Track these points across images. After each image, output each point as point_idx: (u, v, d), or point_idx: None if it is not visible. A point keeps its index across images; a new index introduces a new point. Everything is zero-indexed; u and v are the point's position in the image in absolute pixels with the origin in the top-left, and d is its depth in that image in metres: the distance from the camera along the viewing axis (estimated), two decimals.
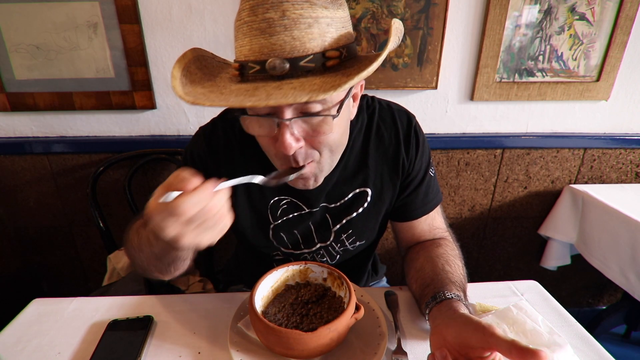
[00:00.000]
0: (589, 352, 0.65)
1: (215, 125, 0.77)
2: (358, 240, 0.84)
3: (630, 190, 1.43)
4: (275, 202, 0.78)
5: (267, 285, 0.69)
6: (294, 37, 0.50)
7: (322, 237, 0.82)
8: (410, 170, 0.79)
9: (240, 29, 0.53)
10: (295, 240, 0.82)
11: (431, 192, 0.82)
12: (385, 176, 0.78)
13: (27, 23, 1.19)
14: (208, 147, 0.75)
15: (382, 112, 0.79)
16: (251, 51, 0.52)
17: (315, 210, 0.79)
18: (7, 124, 1.34)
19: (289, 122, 0.56)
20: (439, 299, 0.63)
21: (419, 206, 0.81)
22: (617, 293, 1.81)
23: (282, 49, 0.51)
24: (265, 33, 0.51)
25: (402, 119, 0.78)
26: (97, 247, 1.55)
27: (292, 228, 0.80)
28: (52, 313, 0.74)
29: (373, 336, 0.65)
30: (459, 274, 0.71)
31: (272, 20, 0.50)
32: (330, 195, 0.78)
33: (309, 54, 0.51)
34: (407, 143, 0.77)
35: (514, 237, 1.65)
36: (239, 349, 0.63)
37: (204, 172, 0.63)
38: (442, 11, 1.24)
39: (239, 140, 0.74)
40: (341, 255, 0.86)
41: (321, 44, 0.52)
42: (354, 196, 0.79)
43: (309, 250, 0.84)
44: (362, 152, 0.77)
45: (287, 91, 0.49)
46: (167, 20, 1.23)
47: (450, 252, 0.76)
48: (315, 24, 0.51)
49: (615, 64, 1.34)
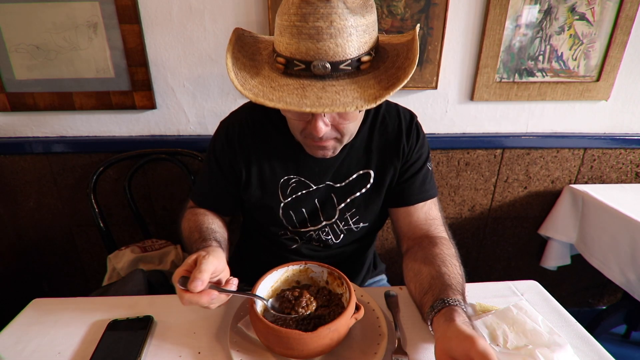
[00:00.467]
0: (589, 352, 0.65)
1: (231, 118, 0.88)
2: (362, 222, 0.89)
3: (630, 190, 1.44)
4: (285, 180, 0.85)
5: (267, 285, 0.69)
6: (337, 44, 0.59)
7: (327, 215, 0.88)
8: (409, 157, 0.86)
9: (289, 29, 0.60)
10: (302, 218, 0.88)
11: (428, 183, 0.87)
12: (387, 160, 0.85)
13: (27, 23, 1.19)
14: (225, 136, 0.85)
15: (389, 106, 0.88)
16: (298, 51, 0.60)
17: (321, 187, 0.86)
18: (7, 124, 1.35)
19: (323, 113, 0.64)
20: (437, 308, 0.63)
21: (415, 192, 0.86)
22: (617, 293, 1.81)
23: (326, 54, 0.60)
24: (313, 38, 0.59)
25: (406, 114, 0.88)
26: (97, 247, 1.55)
27: (300, 206, 0.87)
28: (52, 313, 0.74)
29: (373, 336, 0.66)
30: (456, 274, 0.71)
31: (321, 29, 0.58)
32: (336, 174, 0.85)
33: (347, 59, 0.61)
34: (409, 133, 0.85)
35: (514, 237, 1.65)
36: (239, 349, 0.63)
37: (224, 160, 0.85)
38: (442, 11, 1.24)
39: (251, 128, 0.84)
40: (345, 235, 0.90)
41: (357, 49, 0.61)
42: (358, 177, 0.86)
43: (314, 228, 0.89)
44: (368, 137, 0.85)
45: (332, 95, 0.60)
46: (167, 20, 1.23)
47: (446, 252, 0.76)
48: (354, 33, 0.60)
49: (615, 64, 1.34)
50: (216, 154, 0.87)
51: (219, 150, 0.86)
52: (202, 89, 1.33)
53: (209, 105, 1.35)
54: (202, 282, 0.57)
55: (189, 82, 1.32)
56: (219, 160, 0.86)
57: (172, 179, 1.44)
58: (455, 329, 0.56)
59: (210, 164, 0.88)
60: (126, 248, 1.27)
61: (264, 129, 0.84)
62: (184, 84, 1.32)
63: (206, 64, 1.29)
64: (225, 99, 1.35)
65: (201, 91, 1.33)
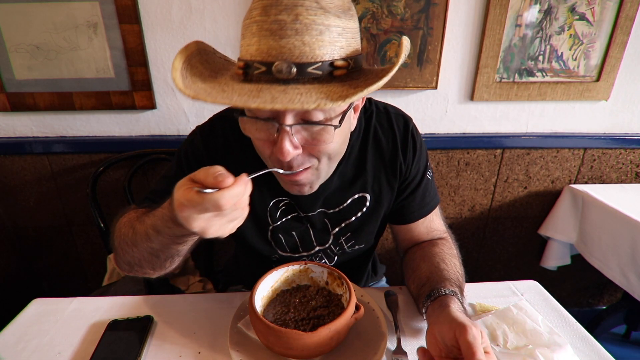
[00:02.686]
0: (589, 352, 0.65)
1: (213, 125, 0.76)
2: (357, 244, 0.84)
3: (630, 190, 1.43)
4: (274, 203, 0.78)
5: (267, 285, 0.69)
6: (304, 42, 0.50)
7: (320, 241, 0.82)
8: (407, 174, 0.79)
9: (250, 27, 0.52)
10: (293, 243, 0.82)
11: (428, 195, 0.82)
12: (383, 180, 0.78)
13: (27, 23, 1.19)
14: (205, 147, 0.74)
15: (380, 116, 0.78)
16: (258, 51, 0.51)
17: (312, 215, 0.79)
18: (7, 124, 1.34)
19: (290, 129, 0.55)
20: (433, 296, 0.63)
21: (416, 209, 0.81)
22: (617, 293, 1.81)
23: (291, 53, 0.50)
24: (275, 35, 0.50)
25: (399, 123, 0.78)
26: (97, 247, 1.55)
27: (290, 230, 0.80)
28: (52, 313, 0.74)
29: (373, 336, 0.66)
30: (455, 271, 0.71)
31: (284, 23, 0.49)
32: (329, 201, 0.78)
33: (317, 61, 0.51)
34: (405, 147, 0.77)
35: (514, 237, 1.65)
36: (239, 349, 0.63)
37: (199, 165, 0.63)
38: (442, 11, 1.24)
39: (238, 140, 0.73)
40: (339, 257, 0.86)
41: (330, 52, 0.52)
42: (353, 202, 0.79)
43: (307, 254, 0.83)
44: (360, 157, 0.77)
45: (293, 96, 0.49)
46: (167, 20, 1.23)
47: (446, 251, 0.76)
48: (326, 32, 0.51)
49: (615, 64, 1.34)
50: (190, 165, 0.73)
51: (193, 161, 0.74)
52: None
53: (209, 105, 1.35)
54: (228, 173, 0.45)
55: None
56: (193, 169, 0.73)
57: None
58: (448, 313, 0.56)
59: (179, 171, 0.74)
60: None
61: (250, 148, 0.70)
62: None
63: None
64: None
65: None
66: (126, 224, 0.67)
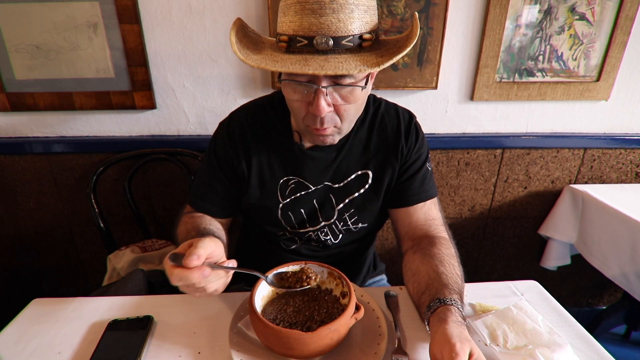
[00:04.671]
0: (589, 352, 0.65)
1: (232, 118, 0.88)
2: (360, 222, 0.89)
3: (630, 190, 1.44)
4: (284, 181, 0.85)
5: (268, 284, 0.69)
6: (339, 19, 0.61)
7: (326, 216, 0.88)
8: (408, 157, 0.85)
9: (292, 7, 0.62)
10: (301, 218, 0.88)
11: (427, 183, 0.87)
12: (386, 160, 0.85)
13: (27, 23, 1.19)
14: (228, 138, 0.85)
15: (388, 106, 0.88)
16: (301, 27, 0.62)
17: (319, 187, 0.85)
18: (7, 124, 1.35)
19: (325, 89, 0.65)
20: (433, 308, 0.64)
21: (415, 192, 0.85)
22: (617, 293, 1.81)
23: (329, 29, 0.61)
24: (315, 13, 0.60)
25: (405, 114, 0.87)
26: (97, 247, 1.55)
27: (298, 207, 0.86)
28: (52, 313, 0.74)
29: (373, 336, 0.66)
30: (453, 274, 0.71)
31: (324, 3, 0.60)
32: (335, 175, 0.85)
33: (349, 35, 0.62)
34: (407, 133, 0.85)
35: (514, 237, 1.65)
36: (239, 349, 0.63)
37: (226, 159, 0.85)
38: (442, 11, 1.24)
39: (252, 128, 0.85)
40: (344, 236, 0.90)
41: (359, 27, 0.63)
42: (356, 177, 0.86)
43: (313, 229, 0.89)
44: (367, 138, 0.85)
45: (336, 64, 0.61)
46: (167, 20, 1.23)
47: (445, 252, 0.76)
48: (356, 10, 0.62)
49: (615, 64, 1.34)
50: (218, 154, 0.86)
51: (220, 150, 0.85)
52: (202, 89, 1.33)
53: (209, 105, 1.35)
54: (197, 257, 0.53)
55: (189, 82, 1.32)
56: (220, 160, 0.85)
57: (172, 179, 1.44)
58: (443, 331, 0.57)
59: (212, 165, 0.87)
60: (126, 248, 1.27)
61: (263, 129, 0.85)
62: (184, 84, 1.32)
63: (206, 64, 1.29)
64: (225, 99, 1.35)
65: (201, 91, 1.33)
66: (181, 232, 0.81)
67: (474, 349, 0.54)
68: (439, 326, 0.59)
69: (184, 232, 0.79)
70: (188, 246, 0.58)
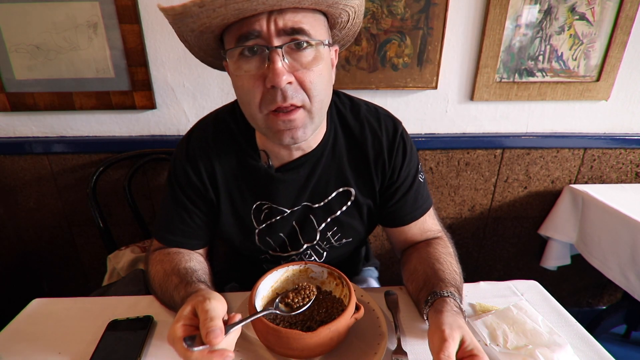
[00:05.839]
0: (589, 352, 0.65)
1: (190, 139, 0.78)
2: (344, 238, 0.83)
3: (630, 190, 1.43)
4: (257, 206, 0.78)
5: (268, 285, 0.69)
6: None
7: (308, 238, 0.82)
8: (397, 177, 0.78)
9: None
10: (282, 242, 0.82)
11: (420, 198, 0.81)
12: (367, 179, 0.78)
13: (27, 23, 1.19)
14: (187, 160, 0.76)
15: (368, 112, 0.78)
16: None
17: (297, 210, 0.78)
18: (7, 124, 1.34)
19: (280, 50, 0.56)
20: (430, 301, 0.64)
21: (408, 212, 0.81)
22: (617, 293, 1.81)
23: None
24: None
25: (388, 125, 0.78)
26: (97, 247, 1.55)
27: (277, 231, 0.80)
28: (52, 313, 0.74)
29: (373, 336, 0.65)
30: (450, 270, 0.71)
31: None
32: (313, 195, 0.78)
33: None
34: (391, 150, 0.77)
35: (514, 237, 1.65)
36: (239, 349, 0.63)
37: (189, 185, 0.75)
38: (442, 11, 1.24)
39: (215, 149, 0.76)
40: (328, 253, 0.86)
41: None
42: (337, 195, 0.78)
43: (296, 252, 0.83)
44: (346, 151, 0.77)
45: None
46: (167, 20, 1.23)
47: (441, 250, 0.76)
48: None
49: (615, 64, 1.34)
50: (180, 182, 0.76)
51: (182, 177, 0.76)
52: (202, 89, 1.33)
53: (209, 105, 1.35)
54: (221, 330, 0.49)
55: (189, 82, 1.32)
56: (184, 188, 0.76)
57: None
58: (436, 320, 0.57)
59: (175, 194, 0.77)
60: (126, 248, 1.27)
61: (228, 149, 0.75)
62: (184, 84, 1.32)
63: None
64: (225, 99, 1.35)
65: (201, 91, 1.33)
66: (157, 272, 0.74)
67: (466, 336, 0.54)
68: (435, 317, 0.59)
69: (161, 273, 0.72)
70: (191, 314, 0.53)
